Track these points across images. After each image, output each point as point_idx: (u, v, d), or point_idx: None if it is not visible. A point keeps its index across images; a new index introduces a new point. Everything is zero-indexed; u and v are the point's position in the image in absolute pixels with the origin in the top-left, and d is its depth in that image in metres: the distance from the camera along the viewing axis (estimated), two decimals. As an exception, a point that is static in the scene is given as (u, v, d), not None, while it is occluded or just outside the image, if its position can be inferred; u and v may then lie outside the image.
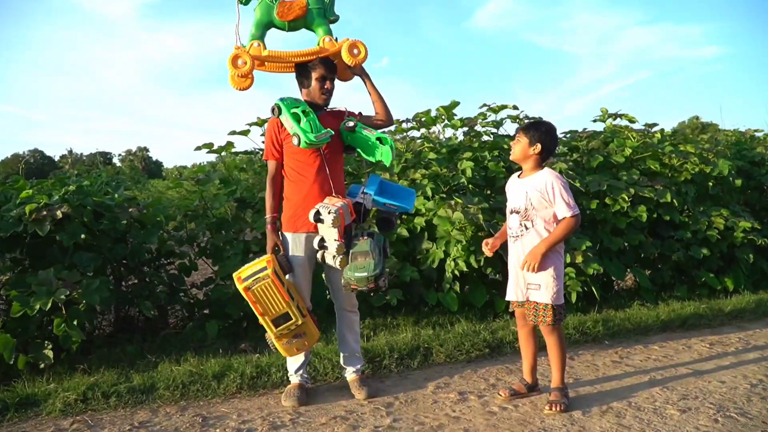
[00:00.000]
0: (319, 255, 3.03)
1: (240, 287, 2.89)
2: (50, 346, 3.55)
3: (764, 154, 6.38)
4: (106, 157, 76.00)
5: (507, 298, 3.12)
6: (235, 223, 4.72)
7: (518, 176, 3.09)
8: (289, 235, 3.11)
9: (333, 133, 3.05)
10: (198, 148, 5.03)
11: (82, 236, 3.81)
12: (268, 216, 3.12)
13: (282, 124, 3.07)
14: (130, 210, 4.10)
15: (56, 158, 71.70)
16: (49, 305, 3.37)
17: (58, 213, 3.73)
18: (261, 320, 2.94)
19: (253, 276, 2.89)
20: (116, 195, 4.28)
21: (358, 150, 3.19)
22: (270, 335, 2.99)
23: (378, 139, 3.09)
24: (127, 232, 4.22)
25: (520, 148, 2.99)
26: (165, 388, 3.25)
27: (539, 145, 2.93)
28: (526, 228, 2.94)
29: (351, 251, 2.94)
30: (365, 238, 2.97)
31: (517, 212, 2.98)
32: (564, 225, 2.86)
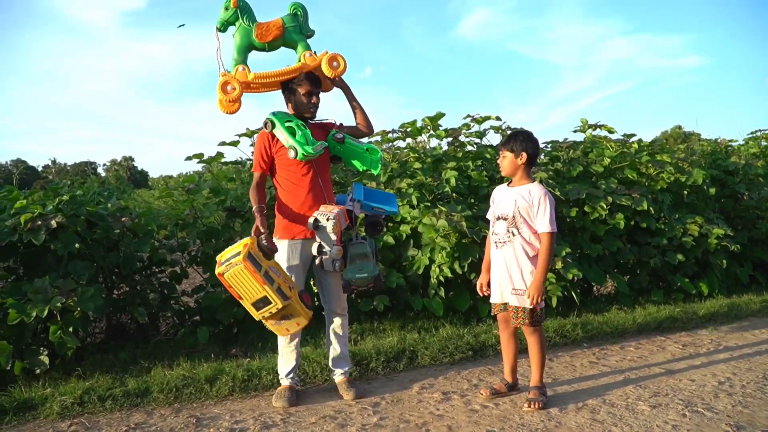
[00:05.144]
0: (317, 261, 3.17)
1: (216, 271, 2.90)
2: (46, 353, 3.64)
3: (738, 164, 6.61)
4: (90, 167, 75.49)
5: (491, 301, 3.26)
6: (224, 232, 4.83)
7: (507, 185, 3.24)
8: (285, 243, 3.23)
9: (327, 145, 3.21)
10: (189, 158, 5.14)
11: (76, 245, 3.91)
12: (255, 206, 3.13)
13: (274, 138, 3.21)
14: (123, 219, 4.20)
15: (39, 168, 71.16)
16: (46, 312, 3.47)
17: (53, 223, 3.83)
18: (242, 303, 2.95)
19: (227, 261, 2.88)
20: (109, 204, 4.38)
21: (351, 160, 3.33)
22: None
23: (366, 149, 3.25)
24: (119, 240, 4.32)
25: (509, 162, 3.15)
26: (159, 392, 3.35)
27: (524, 154, 3.09)
28: (513, 234, 3.09)
29: (349, 254, 3.10)
30: (362, 242, 3.13)
31: (505, 219, 3.12)
32: (546, 245, 3.01)
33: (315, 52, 3.27)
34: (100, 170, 74.12)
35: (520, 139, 3.13)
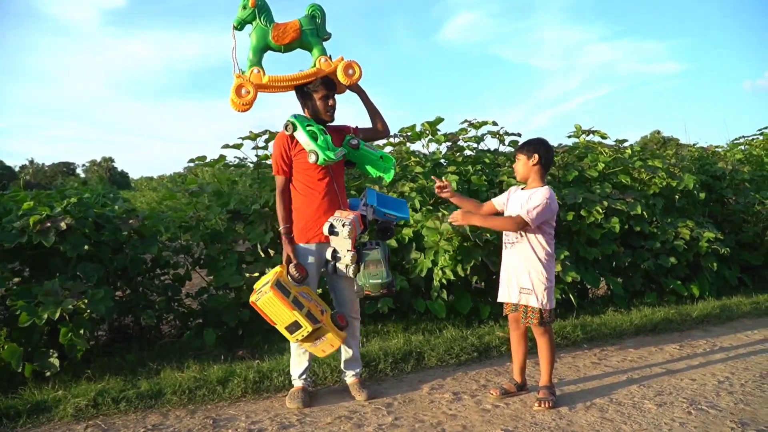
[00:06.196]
0: (330, 265, 3.22)
1: (250, 299, 3.09)
2: (56, 355, 3.64)
3: (725, 169, 6.80)
4: (69, 168, 74.34)
5: (499, 299, 3.34)
6: (228, 235, 4.86)
7: (521, 188, 3.32)
8: (299, 246, 3.28)
9: (346, 151, 3.26)
10: (191, 161, 5.17)
11: (85, 247, 3.91)
12: (282, 227, 3.26)
13: (293, 140, 3.24)
14: (131, 221, 4.22)
15: (17, 168, 69.85)
16: (58, 314, 3.47)
17: (62, 224, 3.84)
18: (277, 327, 3.11)
19: (260, 290, 3.07)
20: (116, 206, 4.39)
21: (365, 166, 3.39)
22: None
23: (381, 157, 3.31)
24: (125, 242, 4.33)
25: (522, 165, 3.24)
26: (172, 393, 3.37)
27: (536, 156, 3.17)
28: (521, 235, 3.17)
29: (363, 260, 3.15)
30: (375, 247, 3.18)
31: None
32: (509, 219, 3.13)
33: (330, 57, 3.29)
34: (79, 171, 73.07)
35: (534, 143, 3.22)
